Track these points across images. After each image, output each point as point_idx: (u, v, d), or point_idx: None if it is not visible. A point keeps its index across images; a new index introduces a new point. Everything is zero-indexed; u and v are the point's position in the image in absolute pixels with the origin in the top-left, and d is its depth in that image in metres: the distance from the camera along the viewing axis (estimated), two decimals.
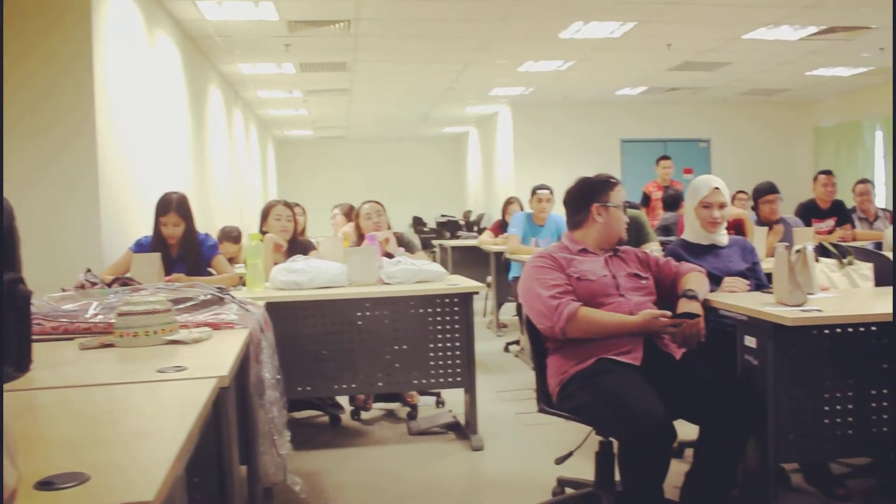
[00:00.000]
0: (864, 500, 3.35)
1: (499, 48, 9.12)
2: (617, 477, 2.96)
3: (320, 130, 17.36)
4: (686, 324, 2.97)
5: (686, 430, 3.08)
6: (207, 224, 7.96)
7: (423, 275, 4.33)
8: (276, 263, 4.42)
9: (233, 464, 2.30)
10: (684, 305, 3.02)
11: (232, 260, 5.58)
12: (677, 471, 3.08)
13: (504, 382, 5.75)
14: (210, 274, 4.52)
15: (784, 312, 2.72)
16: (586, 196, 3.28)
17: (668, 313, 2.98)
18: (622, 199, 3.27)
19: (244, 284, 4.35)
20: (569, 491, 3.47)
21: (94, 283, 3.41)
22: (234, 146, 11.23)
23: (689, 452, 3.65)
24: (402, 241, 5.29)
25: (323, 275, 4.20)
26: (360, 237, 5.11)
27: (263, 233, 4.95)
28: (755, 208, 6.02)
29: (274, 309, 3.73)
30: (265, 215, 5.08)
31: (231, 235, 6.38)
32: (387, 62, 9.81)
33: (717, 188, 3.59)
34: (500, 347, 7.09)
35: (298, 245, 5.03)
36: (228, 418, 2.24)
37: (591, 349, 2.98)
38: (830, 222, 6.95)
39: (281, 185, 18.84)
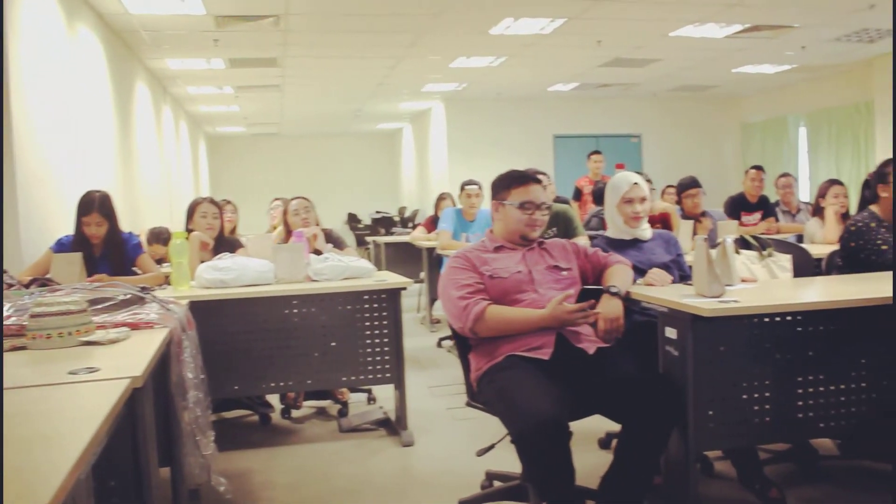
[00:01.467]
0: (787, 487, 3.43)
1: (430, 44, 9.12)
2: None
3: (253, 127, 17.16)
4: (606, 319, 2.99)
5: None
6: (135, 223, 7.80)
7: (350, 271, 4.31)
8: (202, 262, 4.36)
9: (151, 466, 2.25)
10: (605, 301, 3.05)
11: (161, 261, 5.48)
12: (606, 462, 3.11)
13: (436, 377, 5.77)
14: (135, 273, 4.43)
15: (702, 304, 2.77)
16: (493, 193, 3.31)
17: (570, 292, 3.00)
18: (535, 196, 3.21)
19: (170, 284, 4.29)
20: (497, 484, 3.49)
21: (10, 285, 3.32)
22: (163, 143, 11.02)
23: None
24: (330, 238, 5.26)
25: (249, 272, 4.16)
26: (290, 234, 5.08)
27: (190, 231, 4.87)
28: (679, 202, 6.14)
29: (200, 308, 3.68)
30: (191, 213, 5.00)
31: (161, 237, 6.27)
32: (318, 58, 9.73)
33: (636, 183, 3.63)
34: (433, 343, 7.10)
35: (225, 243, 4.96)
36: (145, 419, 2.20)
37: (502, 346, 3.00)
38: (757, 216, 7.12)
39: (214, 182, 18.57)
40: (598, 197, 7.41)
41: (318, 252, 4.72)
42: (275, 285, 4.19)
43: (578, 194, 8.54)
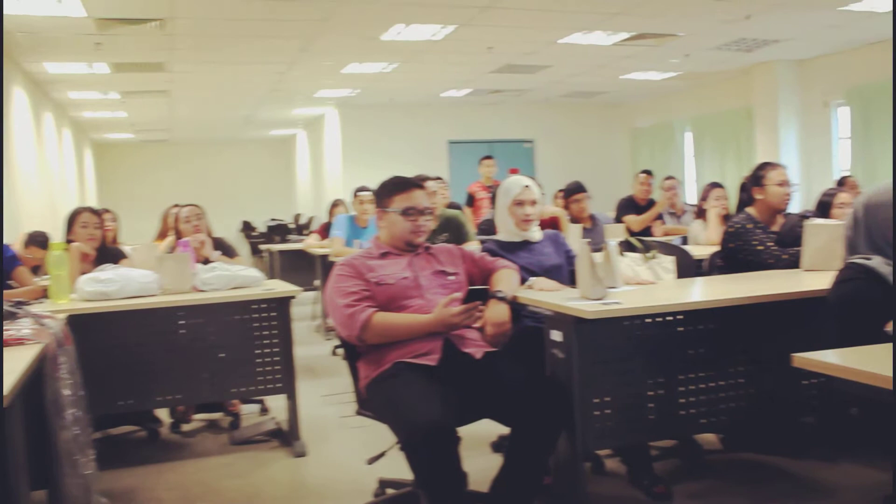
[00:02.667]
0: (674, 483, 3.52)
1: (322, 49, 9.03)
2: None
3: (142, 133, 16.66)
4: (492, 324, 3.01)
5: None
6: (13, 235, 7.46)
7: (239, 280, 4.22)
8: (83, 273, 4.19)
9: (20, 489, 2.15)
10: (492, 307, 3.07)
11: (39, 269, 5.25)
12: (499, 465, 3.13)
13: (330, 386, 5.71)
14: (11, 287, 4.24)
15: (585, 306, 2.83)
16: (376, 201, 3.30)
17: (456, 295, 3.01)
18: (418, 202, 3.20)
19: (48, 297, 4.11)
20: (389, 491, 3.47)
21: None
22: (44, 151, 10.58)
23: None
24: (220, 246, 5.16)
25: (132, 283, 4.02)
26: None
27: (69, 241, 4.69)
28: (566, 207, 6.25)
29: (81, 322, 3.56)
30: (71, 223, 4.82)
31: (37, 240, 5.98)
32: (206, 63, 9.52)
33: (527, 186, 3.69)
34: (327, 351, 7.03)
35: (108, 253, 4.80)
36: (14, 441, 2.10)
37: (390, 353, 2.99)
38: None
39: (101, 191, 17.95)
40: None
41: (206, 261, 4.61)
42: (160, 296, 4.07)
43: (471, 200, 8.59)
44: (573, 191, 6.01)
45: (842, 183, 7.35)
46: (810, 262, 3.78)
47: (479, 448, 3.97)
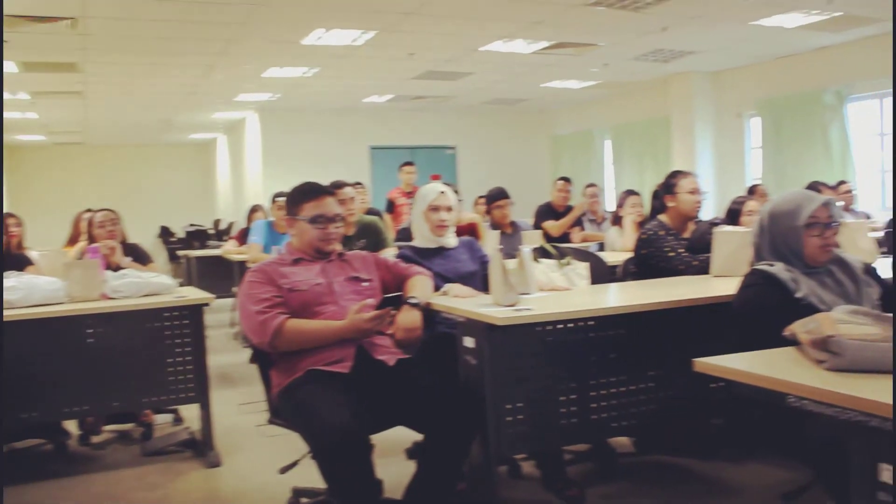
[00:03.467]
0: (588, 486, 3.56)
1: (241, 53, 8.91)
2: None
3: (54, 136, 16.17)
4: (403, 328, 3.01)
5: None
6: None
7: (150, 287, 4.12)
8: None
9: None
10: (405, 312, 3.06)
11: None
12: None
13: (247, 394, 5.61)
14: None
15: (496, 313, 2.84)
16: (287, 209, 3.27)
17: (368, 301, 3.00)
18: (327, 210, 3.18)
19: None
20: (303, 501, 3.44)
21: None
22: None
23: None
24: (133, 252, 5.05)
25: (37, 292, 3.89)
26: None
27: None
28: (488, 213, 6.30)
29: None
30: None
31: None
32: (121, 64, 9.29)
33: (442, 192, 3.71)
34: (245, 359, 6.82)
35: (12, 260, 4.64)
36: None
37: (302, 361, 2.96)
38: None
39: (11, 195, 17.32)
40: None
41: (117, 268, 4.49)
42: (67, 304, 3.94)
43: (391, 206, 8.58)
44: (496, 196, 6.06)
45: (752, 191, 7.57)
46: (719, 268, 3.87)
47: (395, 455, 3.95)
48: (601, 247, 6.56)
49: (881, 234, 6.06)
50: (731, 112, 11.43)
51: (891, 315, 1.91)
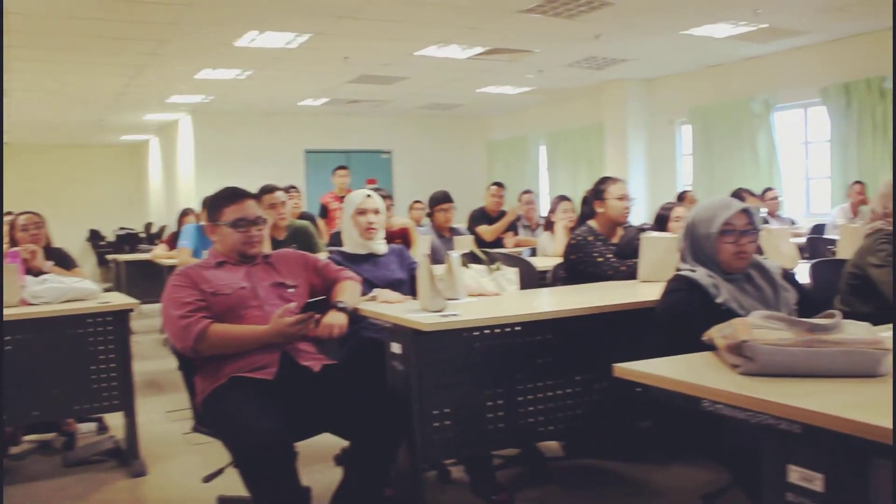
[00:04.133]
0: (516, 490, 3.57)
1: (173, 53, 8.77)
2: None
3: None
4: (325, 325, 2.99)
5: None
6: None
7: (73, 293, 4.02)
8: None
9: None
10: (331, 315, 3.04)
11: None
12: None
13: (176, 401, 5.50)
14: None
15: (423, 318, 2.84)
16: (206, 215, 3.22)
17: (291, 305, 2.97)
18: (248, 213, 3.15)
19: None
20: None
21: None
22: None
23: None
24: (56, 256, 4.92)
25: None
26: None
27: None
28: (431, 216, 6.32)
29: None
30: None
31: None
32: (47, 62, 9.05)
33: (369, 196, 3.72)
34: (174, 365, 6.73)
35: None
36: None
37: (226, 367, 2.92)
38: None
39: None
40: None
41: (38, 273, 4.37)
42: None
43: (325, 211, 8.52)
44: (440, 200, 6.12)
45: (681, 198, 7.71)
46: (646, 273, 3.92)
47: (324, 462, 3.92)
48: (533, 252, 6.61)
49: (804, 239, 6.22)
50: (663, 119, 11.64)
51: (804, 320, 1.95)
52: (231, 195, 3.18)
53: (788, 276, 2.86)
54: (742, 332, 1.91)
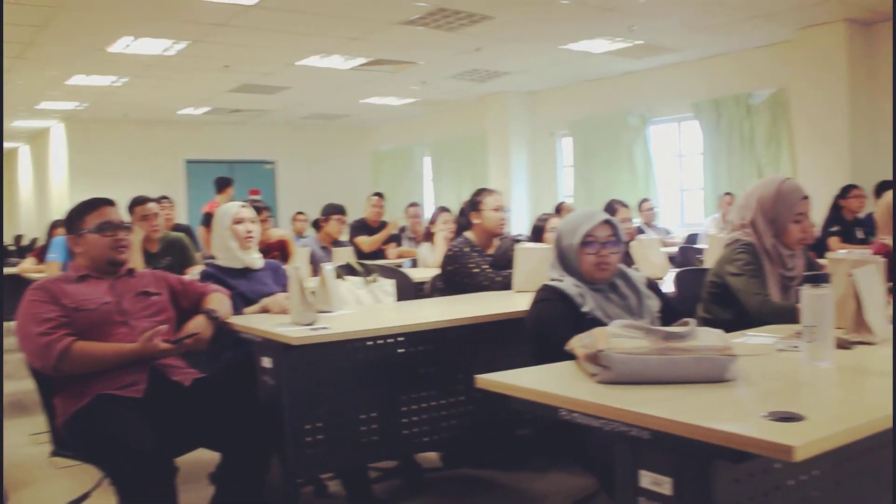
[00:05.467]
0: (394, 503, 3.56)
1: (42, 58, 8.42)
2: None
3: None
4: (188, 328, 2.94)
5: None
6: None
7: None
8: None
9: None
10: (197, 319, 3.01)
11: None
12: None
13: (41, 423, 5.25)
14: None
15: (292, 332, 2.80)
16: (66, 228, 3.11)
17: (163, 328, 2.91)
18: (112, 217, 3.04)
19: None
20: None
21: None
22: None
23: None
24: None
25: None
26: None
27: None
28: (320, 226, 6.28)
29: None
30: None
31: None
32: None
33: (244, 205, 3.67)
34: None
35: None
36: None
37: (92, 386, 2.81)
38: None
39: None
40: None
41: None
42: None
43: (209, 219, 8.31)
44: (334, 210, 6.11)
45: (558, 209, 7.87)
46: (521, 283, 3.98)
47: (199, 480, 3.81)
48: (414, 263, 6.63)
49: (675, 249, 6.44)
50: (545, 131, 11.88)
51: (661, 328, 2.01)
52: (91, 203, 3.07)
53: (652, 284, 2.94)
54: (601, 341, 1.95)
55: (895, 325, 2.39)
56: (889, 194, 3.82)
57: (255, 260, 3.70)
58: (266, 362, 2.94)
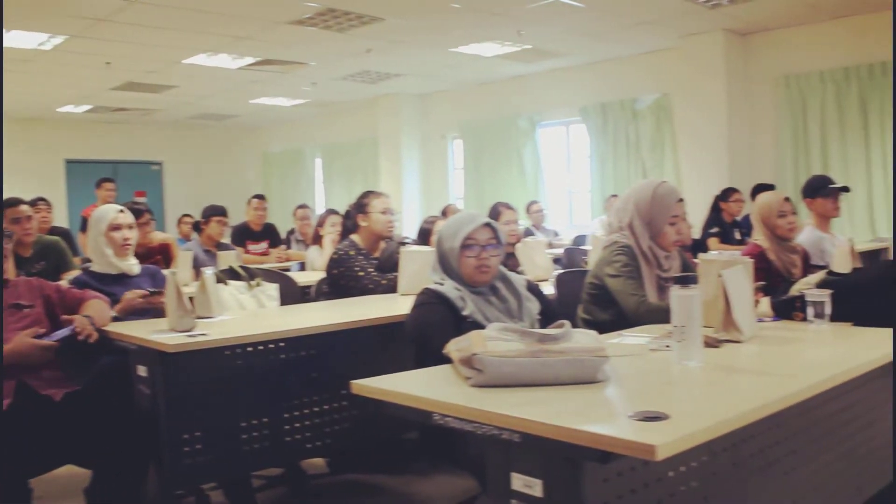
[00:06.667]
0: None
1: None
2: None
3: None
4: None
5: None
6: None
7: None
8: None
9: None
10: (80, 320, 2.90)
11: None
12: None
13: None
14: None
15: (168, 339, 2.72)
16: None
17: (42, 331, 2.80)
18: None
19: None
20: None
21: None
22: None
23: None
24: None
25: None
26: None
27: None
28: (201, 228, 6.13)
29: None
30: None
31: None
32: None
33: (122, 211, 3.56)
34: None
35: None
36: None
37: None
38: (264, 245, 7.28)
39: None
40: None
41: None
42: None
43: (85, 224, 8.01)
44: (215, 212, 5.97)
45: (444, 212, 7.90)
46: (406, 286, 3.97)
47: (74, 497, 3.67)
48: (302, 266, 6.56)
49: (562, 251, 6.54)
50: (436, 134, 11.92)
51: (536, 330, 2.03)
52: None
53: (533, 287, 2.98)
54: (476, 344, 1.95)
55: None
56: (762, 196, 3.99)
57: (132, 266, 3.60)
58: (141, 371, 2.85)
